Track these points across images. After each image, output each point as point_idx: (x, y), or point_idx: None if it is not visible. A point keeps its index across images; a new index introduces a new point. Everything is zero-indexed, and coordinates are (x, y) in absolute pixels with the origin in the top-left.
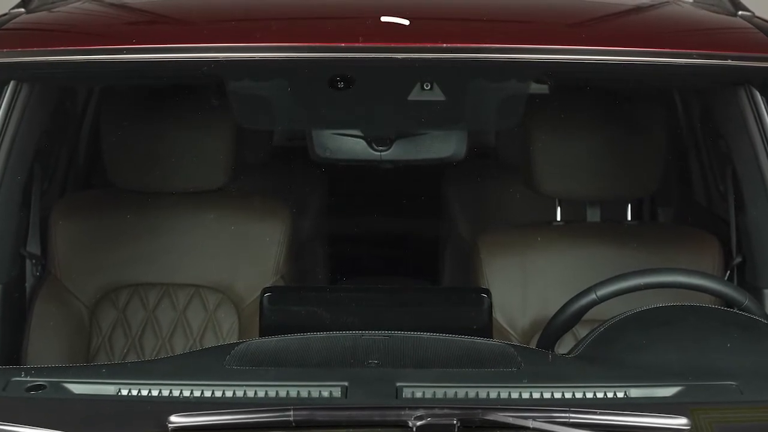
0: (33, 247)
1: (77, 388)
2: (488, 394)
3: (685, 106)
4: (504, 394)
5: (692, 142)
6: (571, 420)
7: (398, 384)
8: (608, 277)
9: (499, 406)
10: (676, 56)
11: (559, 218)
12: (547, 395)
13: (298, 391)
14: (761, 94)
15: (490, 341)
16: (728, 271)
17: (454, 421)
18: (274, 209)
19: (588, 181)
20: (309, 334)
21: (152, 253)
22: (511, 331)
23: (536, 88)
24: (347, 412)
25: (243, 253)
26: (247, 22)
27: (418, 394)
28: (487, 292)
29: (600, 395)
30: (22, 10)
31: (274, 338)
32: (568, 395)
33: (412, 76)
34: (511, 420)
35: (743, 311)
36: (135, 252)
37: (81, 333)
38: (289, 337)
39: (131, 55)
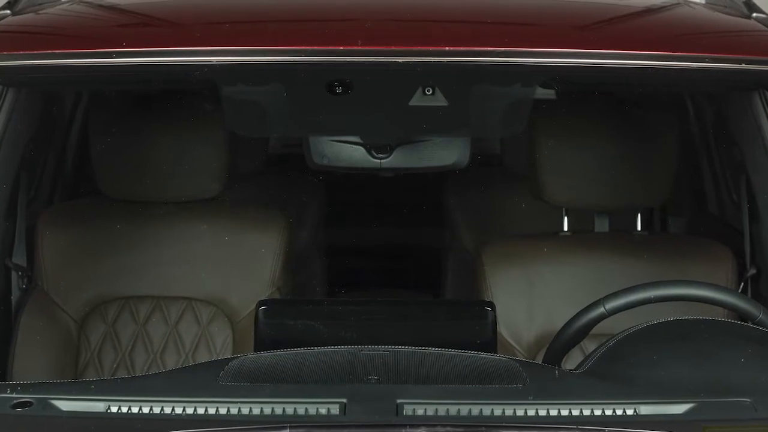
0: (19, 258)
1: (65, 405)
2: (492, 412)
3: (697, 111)
4: (509, 412)
5: (705, 149)
6: None
7: (399, 401)
8: (617, 290)
9: (503, 424)
10: (687, 60)
11: (566, 228)
12: (553, 412)
13: (295, 408)
14: None
15: (494, 356)
16: (742, 284)
17: None
18: (270, 219)
19: (596, 189)
20: (306, 349)
21: (143, 265)
22: (516, 346)
23: (543, 93)
24: (346, 430)
25: (237, 265)
26: (242, 24)
27: (420, 412)
28: (491, 305)
29: (609, 412)
30: (8, 12)
31: (270, 353)
32: (575, 412)
33: (414, 80)
34: None
35: (758, 325)
36: (125, 264)
37: (69, 347)
38: (285, 351)
39: (121, 59)
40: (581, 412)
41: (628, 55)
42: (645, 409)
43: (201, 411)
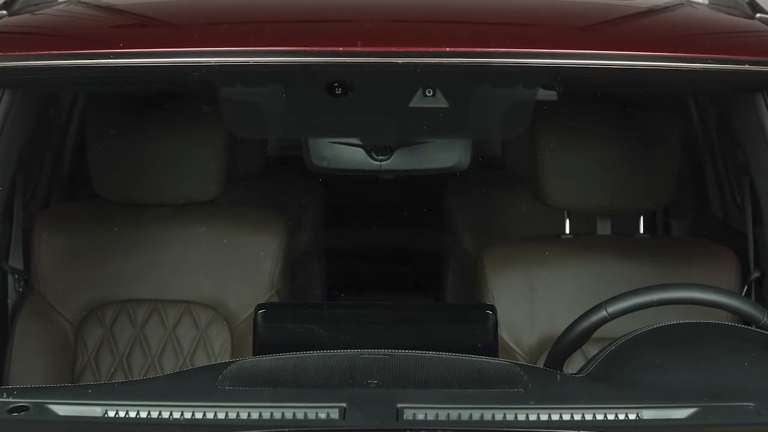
0: (15, 261)
1: (62, 410)
2: (494, 416)
3: (701, 113)
4: (510, 416)
5: (708, 151)
6: None
7: (399, 405)
8: (620, 293)
9: (505, 429)
10: (690, 61)
11: (568, 231)
12: (555, 417)
13: (294, 413)
14: None
15: (495, 360)
16: (746, 287)
17: None
18: (269, 222)
19: (598, 192)
20: (305, 353)
21: (141, 268)
22: (518, 350)
23: (544, 94)
24: None
25: (236, 268)
26: (240, 25)
27: (420, 416)
28: (492, 308)
29: (611, 417)
30: (4, 12)
31: (269, 357)
32: (577, 417)
33: (414, 81)
34: None
35: (761, 328)
36: (122, 267)
37: (66, 351)
38: (284, 355)
39: (118, 60)
40: (583, 416)
41: (630, 56)
42: (648, 414)
43: (199, 415)
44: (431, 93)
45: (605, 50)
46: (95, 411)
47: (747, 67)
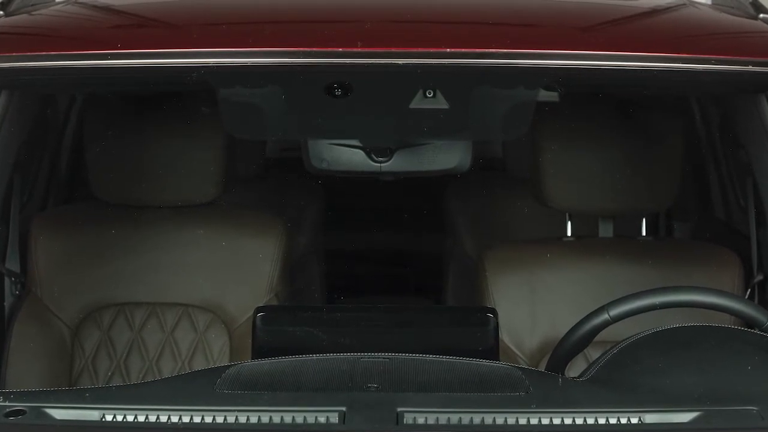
0: (12, 263)
1: (59, 414)
2: (494, 420)
3: (704, 114)
4: (511, 420)
5: (711, 153)
6: None
7: (399, 409)
8: (622, 296)
9: None
10: (693, 62)
11: (569, 233)
12: (557, 421)
13: (293, 417)
14: None
15: (496, 364)
16: (749, 290)
17: None
18: (268, 224)
19: (600, 194)
20: (304, 357)
21: (138, 271)
22: (519, 353)
23: (546, 95)
24: None
25: (235, 271)
26: (239, 25)
27: (420, 420)
28: (493, 311)
29: (613, 421)
30: (1, 12)
31: (268, 361)
32: (579, 421)
33: (414, 82)
34: None
35: (764, 332)
36: (120, 269)
37: (63, 355)
38: (283, 359)
39: (116, 61)
40: (585, 420)
41: (632, 57)
42: (650, 418)
43: (198, 419)
44: (431, 94)
45: (607, 51)
46: (93, 415)
47: (750, 68)
